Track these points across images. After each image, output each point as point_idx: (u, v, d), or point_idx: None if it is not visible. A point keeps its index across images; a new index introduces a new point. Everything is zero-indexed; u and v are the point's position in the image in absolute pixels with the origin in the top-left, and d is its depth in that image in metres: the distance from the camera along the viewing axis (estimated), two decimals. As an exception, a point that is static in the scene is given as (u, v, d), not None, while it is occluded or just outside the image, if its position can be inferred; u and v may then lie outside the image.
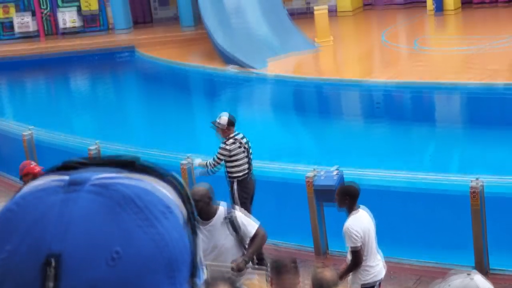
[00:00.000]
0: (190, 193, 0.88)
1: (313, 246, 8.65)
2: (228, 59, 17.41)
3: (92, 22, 22.43)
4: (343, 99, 15.65)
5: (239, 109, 16.75)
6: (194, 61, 18.70)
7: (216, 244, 6.33)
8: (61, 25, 22.33)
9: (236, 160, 8.91)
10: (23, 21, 22.41)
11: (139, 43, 20.60)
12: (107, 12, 22.25)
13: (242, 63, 16.88)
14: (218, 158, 8.91)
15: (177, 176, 0.88)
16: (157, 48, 19.96)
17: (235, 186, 8.99)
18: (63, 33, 22.40)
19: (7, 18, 22.74)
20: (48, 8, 22.50)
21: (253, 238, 6.43)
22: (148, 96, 18.61)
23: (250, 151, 9.01)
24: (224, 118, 8.89)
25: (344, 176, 8.32)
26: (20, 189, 0.84)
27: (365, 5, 21.96)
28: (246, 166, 8.94)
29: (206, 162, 9.11)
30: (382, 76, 15.00)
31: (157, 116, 16.59)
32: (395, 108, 14.60)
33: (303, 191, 8.57)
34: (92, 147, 11.09)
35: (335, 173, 8.38)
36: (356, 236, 6.50)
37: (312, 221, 8.58)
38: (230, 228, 6.43)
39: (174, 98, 17.83)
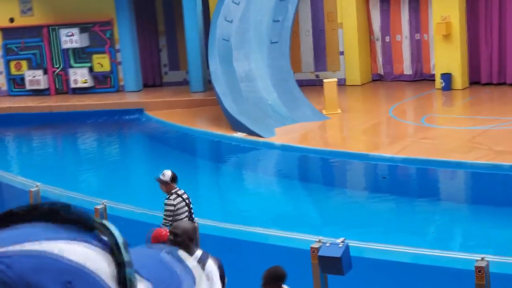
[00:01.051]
0: (123, 242, 0.83)
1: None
2: (236, 125, 17.56)
3: (103, 82, 22.71)
4: (348, 171, 15.73)
5: (244, 175, 16.84)
6: (202, 125, 18.86)
7: None
8: (72, 84, 22.60)
9: (178, 214, 9.44)
10: (35, 78, 22.70)
11: (148, 105, 20.82)
12: (118, 73, 22.55)
13: (250, 131, 17.03)
14: (167, 215, 9.43)
15: (108, 224, 0.84)
16: (166, 111, 20.16)
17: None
18: (74, 91, 22.66)
19: (19, 74, 23.04)
20: (61, 66, 22.81)
21: None
22: (155, 158, 18.70)
23: (191, 206, 9.64)
24: (167, 174, 9.61)
25: (350, 247, 8.33)
26: None
27: (373, 80, 22.22)
28: (186, 219, 9.29)
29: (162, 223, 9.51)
30: (388, 150, 15.11)
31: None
32: (400, 182, 14.67)
33: (307, 261, 8.56)
34: (98, 206, 11.12)
35: (340, 244, 8.39)
36: None
37: (315, 291, 8.55)
38: None
39: (180, 160, 17.90)
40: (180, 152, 18.90)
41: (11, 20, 23.00)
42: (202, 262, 6.03)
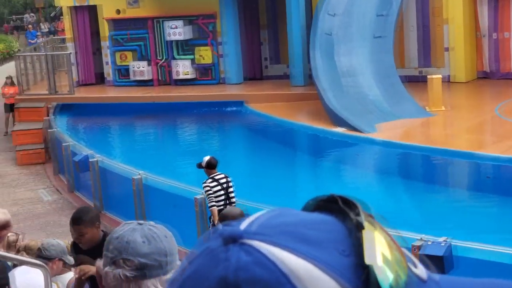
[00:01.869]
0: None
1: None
2: (336, 120, 17.42)
3: (205, 74, 22.96)
4: (451, 170, 15.36)
5: (343, 170, 16.71)
6: (302, 119, 18.80)
7: None
8: (174, 75, 22.94)
9: (215, 197, 10.67)
10: (139, 69, 23.16)
11: (248, 98, 20.91)
12: (220, 65, 22.75)
13: (351, 125, 16.86)
14: (208, 197, 10.69)
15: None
16: (266, 104, 20.20)
17: (210, 217, 10.78)
18: (176, 83, 23.01)
19: (124, 64, 23.56)
20: (164, 58, 23.19)
21: None
22: (254, 150, 18.80)
23: (230, 190, 10.77)
24: (205, 160, 10.99)
25: (452, 247, 8.13)
26: None
27: (479, 77, 21.65)
28: (223, 202, 10.61)
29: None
30: (493, 149, 14.67)
31: (260, 170, 16.70)
32: (505, 182, 14.21)
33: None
34: (198, 196, 11.24)
35: (443, 243, 8.20)
36: None
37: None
38: None
39: (279, 153, 17.93)
40: (279, 145, 18.91)
41: (118, 11, 23.52)
42: None
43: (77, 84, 23.10)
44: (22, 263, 5.69)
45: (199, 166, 11.06)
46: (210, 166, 11.00)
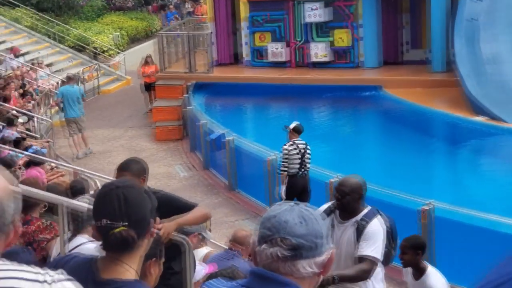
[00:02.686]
0: None
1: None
2: (477, 108, 16.85)
3: (343, 57, 22.73)
4: None
5: (482, 160, 16.16)
6: (440, 106, 18.29)
7: (337, 246, 5.56)
8: (312, 58, 22.84)
9: (291, 159, 11.45)
10: (277, 50, 23.20)
11: (386, 82, 20.53)
12: (358, 48, 22.45)
13: (493, 115, 16.24)
14: (283, 159, 11.53)
15: None
16: (404, 89, 19.77)
17: (285, 180, 11.52)
18: (313, 65, 22.90)
19: (262, 45, 23.67)
20: (302, 40, 23.13)
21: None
22: (389, 136, 18.47)
23: (306, 156, 11.56)
24: (292, 125, 11.79)
25: None
26: None
27: None
28: (298, 166, 11.45)
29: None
30: None
31: (395, 156, 16.40)
32: None
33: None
34: (333, 180, 11.13)
35: None
36: None
37: None
38: (355, 234, 5.70)
39: (415, 140, 17.54)
40: (416, 132, 18.51)
41: (258, -8, 23.62)
42: (365, 220, 5.64)
43: (215, 64, 23.43)
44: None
45: (286, 127, 11.85)
46: (296, 131, 11.74)
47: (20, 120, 16.03)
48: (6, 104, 17.18)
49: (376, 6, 22.12)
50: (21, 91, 19.94)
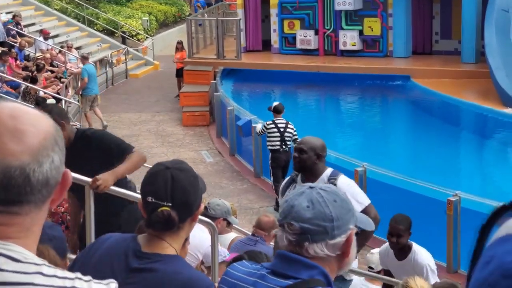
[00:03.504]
0: None
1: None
2: (507, 101, 16.68)
3: (372, 46, 22.59)
4: None
5: (510, 152, 16.01)
6: (470, 98, 18.14)
7: None
8: (341, 46, 22.73)
9: (270, 137, 12.86)
10: (306, 38, 23.12)
11: (415, 72, 20.39)
12: (388, 38, 22.30)
13: (522, 107, 16.08)
14: (261, 130, 13.30)
15: None
16: (433, 80, 19.63)
17: (269, 156, 13.00)
18: (342, 54, 22.79)
19: (291, 33, 23.60)
20: (332, 28, 23.02)
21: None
22: (417, 126, 18.36)
23: (287, 134, 12.75)
24: (273, 105, 13.26)
25: None
26: None
27: None
28: (278, 143, 12.74)
29: (258, 129, 13.60)
30: None
31: (423, 147, 16.31)
32: None
33: None
34: (359, 168, 11.10)
35: None
36: None
37: None
38: None
39: (443, 131, 17.43)
40: (444, 123, 18.39)
41: (289, -21, 23.52)
42: (333, 177, 5.49)
43: (243, 50, 23.40)
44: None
45: (269, 109, 13.27)
46: (275, 111, 13.10)
47: (49, 101, 16.14)
48: (34, 86, 17.31)
49: (407, -5, 21.95)
50: (50, 73, 20.07)
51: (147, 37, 29.81)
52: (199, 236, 5.39)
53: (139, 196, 2.96)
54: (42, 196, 1.46)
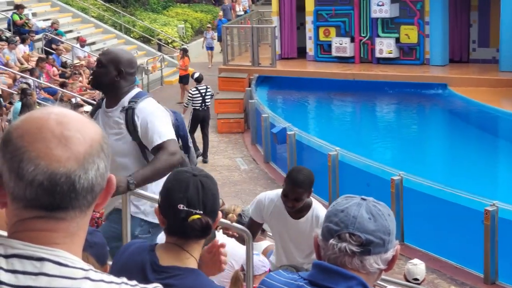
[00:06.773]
0: None
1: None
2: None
3: (408, 54, 22.42)
4: None
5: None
6: (508, 107, 17.90)
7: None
8: (377, 53, 22.59)
9: (194, 101, 16.64)
10: (341, 45, 23.02)
11: (452, 81, 20.18)
12: (425, 46, 22.12)
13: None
14: (188, 98, 17.06)
15: None
16: (471, 88, 19.41)
17: (191, 115, 16.47)
18: (378, 61, 22.65)
19: (326, 40, 23.51)
20: (368, 36, 22.89)
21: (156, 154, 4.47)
22: (454, 135, 18.17)
23: (207, 96, 16.72)
24: (195, 75, 17.26)
25: None
26: None
27: None
28: (199, 103, 16.61)
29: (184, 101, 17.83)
30: None
31: (460, 156, 16.13)
32: None
33: None
34: (395, 177, 10.99)
35: None
36: None
37: None
38: (123, 121, 4.54)
39: (481, 140, 17.22)
40: (481, 132, 18.17)
41: (325, -13, 23.44)
42: (133, 101, 4.55)
43: (278, 58, 23.37)
44: (228, 228, 5.73)
45: (191, 76, 17.61)
46: (197, 80, 17.05)
47: (85, 109, 16.25)
48: (70, 93, 17.43)
49: (443, 3, 21.75)
50: (86, 80, 20.23)
51: (182, 44, 29.94)
52: (230, 244, 5.34)
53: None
54: (87, 202, 1.46)
